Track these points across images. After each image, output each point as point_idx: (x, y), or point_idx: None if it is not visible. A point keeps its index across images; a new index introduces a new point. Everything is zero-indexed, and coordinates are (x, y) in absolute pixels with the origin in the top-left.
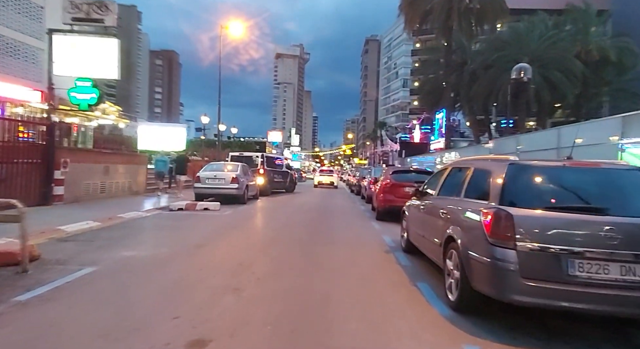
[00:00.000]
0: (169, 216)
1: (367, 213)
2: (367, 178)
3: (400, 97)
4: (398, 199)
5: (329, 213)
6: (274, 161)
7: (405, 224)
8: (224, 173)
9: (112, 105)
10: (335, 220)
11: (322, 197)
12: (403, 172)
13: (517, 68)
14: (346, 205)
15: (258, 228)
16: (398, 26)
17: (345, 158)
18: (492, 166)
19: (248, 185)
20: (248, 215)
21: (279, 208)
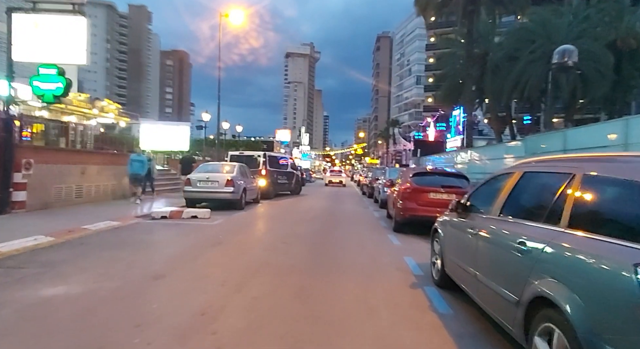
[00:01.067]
0: (146, 227)
1: (382, 221)
2: (380, 180)
3: (413, 94)
4: (421, 207)
5: (337, 222)
6: (277, 161)
7: (439, 248)
8: (218, 175)
9: (111, 102)
10: (345, 232)
11: (330, 200)
12: (426, 173)
13: (560, 51)
14: (357, 211)
15: (246, 245)
16: (411, 21)
17: (356, 158)
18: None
19: (246, 188)
20: (241, 225)
21: (279, 215)
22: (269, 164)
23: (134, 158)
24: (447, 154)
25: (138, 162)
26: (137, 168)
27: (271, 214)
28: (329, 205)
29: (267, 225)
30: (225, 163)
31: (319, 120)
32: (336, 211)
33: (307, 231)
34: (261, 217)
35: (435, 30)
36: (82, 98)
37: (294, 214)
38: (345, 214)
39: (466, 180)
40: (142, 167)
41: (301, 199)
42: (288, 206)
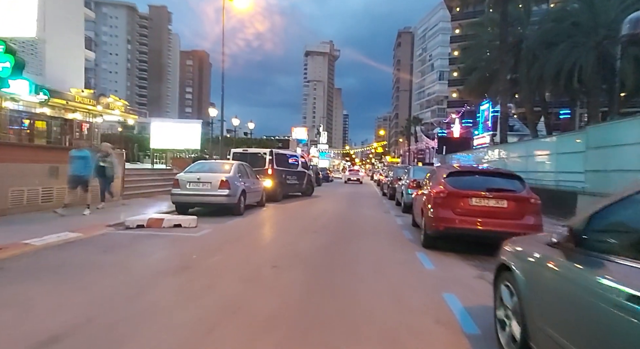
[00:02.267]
0: (109, 240)
1: (406, 231)
2: (404, 180)
3: (436, 90)
4: (460, 217)
5: (350, 233)
6: (286, 159)
7: (515, 301)
8: (211, 175)
9: (117, 99)
10: (359, 249)
11: (346, 203)
12: (465, 173)
13: (633, 20)
14: (376, 217)
15: (220, 272)
16: (434, 15)
17: (376, 157)
18: None
19: (246, 190)
20: (229, 237)
21: (282, 223)
22: (276, 163)
23: (74, 154)
24: (476, 151)
25: (80, 160)
26: (78, 167)
27: (273, 221)
28: (343, 209)
29: (261, 237)
30: (222, 161)
31: (339, 119)
32: (351, 218)
33: (310, 247)
34: (259, 226)
35: (460, 21)
36: (85, 94)
37: (300, 221)
38: (362, 221)
39: (520, 181)
40: (84, 165)
41: (313, 202)
42: (296, 211)
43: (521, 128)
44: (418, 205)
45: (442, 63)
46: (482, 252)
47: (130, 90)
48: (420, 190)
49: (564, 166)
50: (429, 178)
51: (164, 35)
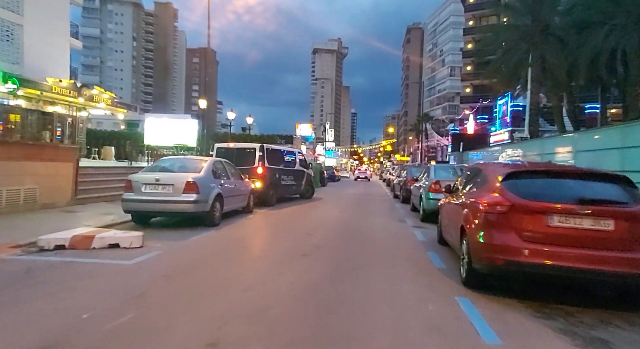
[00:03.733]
0: None
1: (432, 253)
2: (422, 182)
3: (447, 86)
4: (533, 246)
5: (356, 257)
6: (281, 156)
7: None
8: (175, 175)
9: (102, 90)
10: (369, 295)
11: (352, 208)
12: (535, 174)
13: None
14: (390, 229)
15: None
16: (445, 9)
17: (385, 155)
18: None
19: (224, 193)
20: (173, 271)
21: (266, 239)
22: (268, 160)
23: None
24: (499, 147)
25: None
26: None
27: (252, 237)
28: (348, 216)
29: (224, 268)
30: (193, 158)
31: (347, 117)
32: (357, 231)
33: (290, 292)
34: (229, 245)
35: (474, 12)
36: (65, 84)
37: (288, 237)
38: (371, 237)
39: (630, 188)
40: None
41: (313, 206)
42: (288, 220)
43: (542, 123)
44: (452, 219)
45: (453, 59)
46: (564, 298)
47: (135, 88)
48: (453, 197)
49: (635, 163)
50: (469, 180)
51: (170, 32)
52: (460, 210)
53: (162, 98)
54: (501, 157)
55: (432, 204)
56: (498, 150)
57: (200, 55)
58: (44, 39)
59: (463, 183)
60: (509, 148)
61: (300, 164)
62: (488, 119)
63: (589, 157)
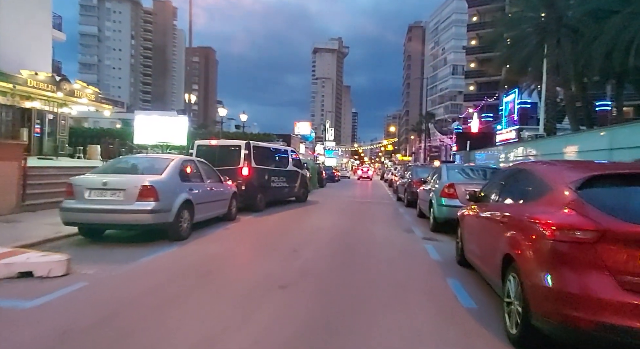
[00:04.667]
0: None
1: (455, 281)
2: (431, 185)
3: (449, 85)
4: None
5: (353, 290)
6: (271, 155)
7: None
8: (127, 178)
9: (85, 85)
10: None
11: (350, 214)
12: (629, 179)
13: None
14: (396, 244)
15: None
16: (447, 7)
17: (386, 155)
18: None
19: (196, 199)
20: (91, 317)
21: (239, 260)
22: (256, 159)
23: None
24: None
25: None
26: None
27: (222, 257)
28: (345, 224)
29: (162, 315)
30: (159, 156)
31: (348, 117)
32: (355, 247)
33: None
34: (187, 273)
35: (478, 7)
36: (42, 77)
37: (268, 257)
38: (373, 256)
39: None
40: None
41: (307, 211)
42: (274, 230)
43: None
44: (484, 239)
45: (455, 57)
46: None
47: (134, 87)
48: (481, 207)
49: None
50: (508, 186)
51: (169, 30)
52: (500, 228)
53: (161, 97)
54: (515, 157)
55: (445, 212)
56: (508, 148)
57: (200, 54)
58: (22, 29)
59: (497, 189)
60: (520, 146)
61: (294, 164)
62: (493, 117)
63: (626, 154)
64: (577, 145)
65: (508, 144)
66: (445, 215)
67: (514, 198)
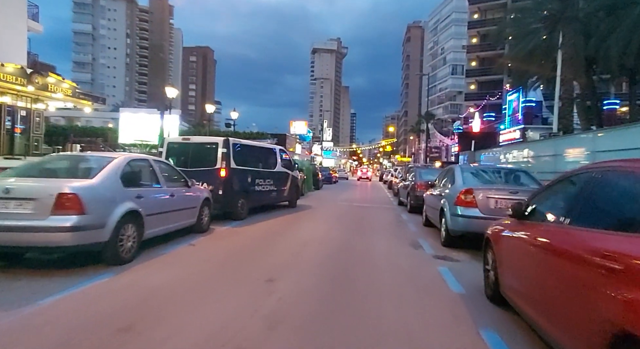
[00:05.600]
0: None
1: (486, 328)
2: (440, 189)
3: (448, 85)
4: None
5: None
6: (256, 154)
7: None
8: (43, 183)
9: (61, 79)
10: None
11: (346, 222)
12: None
13: None
14: (401, 264)
15: None
16: (446, 6)
17: (384, 155)
18: None
19: (145, 210)
20: None
21: (190, 296)
22: (236, 159)
23: None
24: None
25: None
26: None
27: (162, 296)
28: (339, 237)
29: None
30: (97, 155)
31: (346, 118)
32: (349, 273)
33: None
34: (98, 325)
35: (479, 4)
36: (10, 69)
37: (230, 294)
38: (373, 289)
39: None
40: None
41: (296, 219)
42: (249, 248)
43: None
44: (550, 285)
45: (455, 57)
46: None
47: (129, 86)
48: (537, 230)
49: None
50: (589, 197)
51: (165, 29)
52: (598, 278)
53: (157, 97)
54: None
55: (461, 224)
56: (519, 148)
57: (198, 54)
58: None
59: (566, 203)
60: (531, 146)
61: (283, 165)
62: (495, 117)
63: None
64: (608, 142)
65: (516, 144)
66: (461, 228)
67: (620, 225)
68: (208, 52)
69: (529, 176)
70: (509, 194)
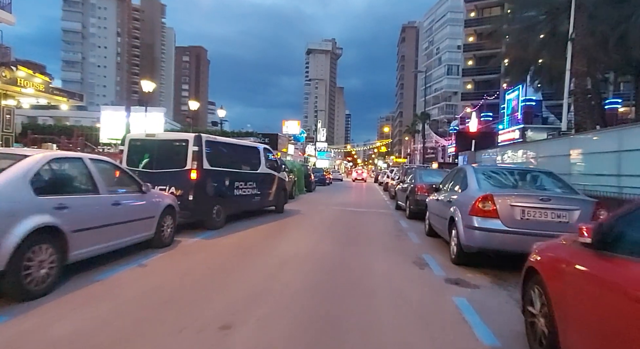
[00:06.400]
0: None
1: None
2: (451, 197)
3: (443, 85)
4: None
5: None
6: (235, 153)
7: None
8: None
9: (31, 73)
10: None
11: (338, 232)
12: None
13: None
14: (407, 293)
15: None
16: (441, 6)
17: (379, 156)
18: None
19: (69, 225)
20: None
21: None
22: (211, 159)
23: None
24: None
25: None
26: None
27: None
28: (328, 253)
29: None
30: (6, 151)
31: (341, 118)
32: (339, 309)
33: None
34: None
35: (476, 2)
36: None
37: (167, 345)
38: (374, 333)
39: None
40: None
41: (281, 228)
42: (212, 272)
43: (555, 121)
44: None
45: (450, 57)
46: None
47: (120, 86)
48: None
49: None
50: None
51: (157, 28)
52: None
53: (148, 97)
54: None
55: (479, 238)
56: (524, 148)
57: (191, 54)
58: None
59: None
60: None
61: (269, 165)
62: (493, 117)
63: None
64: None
65: (520, 143)
66: (479, 244)
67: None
68: (201, 51)
69: (557, 179)
70: (539, 202)
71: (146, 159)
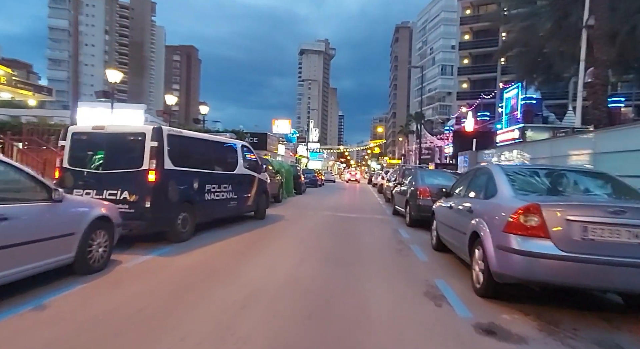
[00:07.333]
0: None
1: None
2: (462, 202)
3: (437, 86)
4: None
5: None
6: (206, 151)
7: None
8: None
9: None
10: None
11: (327, 246)
12: None
13: None
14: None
15: None
16: (435, 5)
17: (373, 157)
18: None
19: None
20: None
21: None
22: (174, 157)
23: None
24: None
25: None
26: None
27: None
28: (312, 281)
29: None
30: None
31: (334, 119)
32: None
33: None
34: None
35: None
36: None
37: None
38: None
39: None
40: None
41: (258, 240)
42: (144, 314)
43: (555, 120)
44: None
45: (444, 57)
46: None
47: (107, 85)
48: None
49: None
50: None
51: (147, 26)
52: None
53: (138, 96)
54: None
55: (520, 266)
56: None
57: (181, 53)
58: None
59: None
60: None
61: (247, 165)
62: (490, 116)
63: None
64: None
65: (523, 142)
66: (520, 274)
67: None
68: (192, 51)
69: (619, 183)
70: (609, 215)
71: (96, 157)
